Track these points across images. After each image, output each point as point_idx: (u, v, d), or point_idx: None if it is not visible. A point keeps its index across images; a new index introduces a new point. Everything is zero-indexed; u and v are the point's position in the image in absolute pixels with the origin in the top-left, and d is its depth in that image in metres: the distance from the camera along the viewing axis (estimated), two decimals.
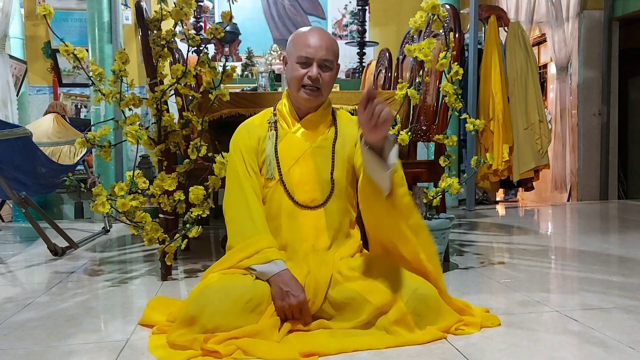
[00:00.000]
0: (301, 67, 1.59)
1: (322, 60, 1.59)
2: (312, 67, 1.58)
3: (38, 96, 5.14)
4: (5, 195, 3.07)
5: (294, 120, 1.68)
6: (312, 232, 1.61)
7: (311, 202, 1.62)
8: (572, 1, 4.97)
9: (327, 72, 1.61)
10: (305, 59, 1.59)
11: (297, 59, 1.60)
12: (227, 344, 1.33)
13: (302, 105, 1.66)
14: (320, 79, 1.59)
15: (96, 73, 2.08)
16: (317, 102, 1.65)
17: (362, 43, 5.01)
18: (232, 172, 1.66)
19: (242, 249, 1.53)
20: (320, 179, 1.63)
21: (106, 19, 4.01)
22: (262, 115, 1.74)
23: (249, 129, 1.69)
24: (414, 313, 1.43)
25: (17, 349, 1.42)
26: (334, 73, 1.64)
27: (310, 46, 1.58)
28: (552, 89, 5.52)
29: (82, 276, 2.28)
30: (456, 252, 2.63)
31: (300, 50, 1.59)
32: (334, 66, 1.63)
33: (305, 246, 1.60)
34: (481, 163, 2.14)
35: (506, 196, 5.71)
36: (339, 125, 1.70)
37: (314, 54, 1.58)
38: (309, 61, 1.59)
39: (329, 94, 1.68)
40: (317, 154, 1.65)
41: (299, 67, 1.60)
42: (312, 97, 1.61)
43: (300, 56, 1.59)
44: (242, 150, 1.65)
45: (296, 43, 1.62)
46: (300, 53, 1.59)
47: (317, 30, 1.64)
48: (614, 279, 2.04)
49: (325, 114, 1.69)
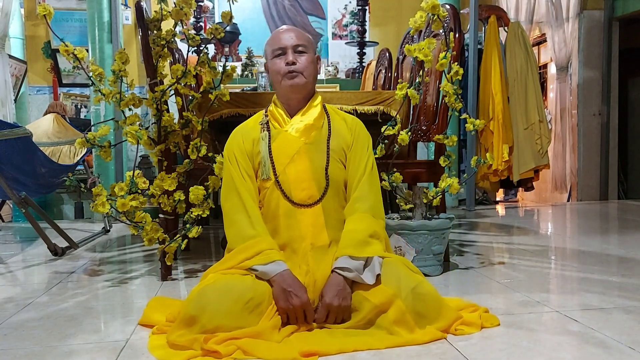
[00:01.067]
0: (278, 60, 1.65)
1: (295, 46, 1.64)
2: (287, 54, 1.64)
3: (38, 96, 5.14)
4: (5, 195, 3.07)
5: (286, 118, 1.69)
6: (311, 230, 1.61)
7: (308, 199, 1.62)
8: (572, 1, 4.97)
9: (303, 55, 1.65)
10: (280, 49, 1.64)
11: (272, 54, 1.66)
12: (227, 344, 1.33)
13: (291, 100, 1.67)
14: (298, 61, 1.63)
15: (96, 73, 2.08)
16: (303, 90, 1.66)
17: (362, 43, 5.02)
18: (227, 177, 1.67)
19: (243, 250, 1.53)
20: (316, 175, 1.63)
21: (106, 19, 4.01)
22: (254, 118, 1.75)
23: (243, 132, 1.71)
24: (413, 311, 1.43)
25: (17, 349, 1.42)
26: (311, 57, 1.67)
27: (281, 38, 1.66)
28: (552, 89, 5.52)
29: (82, 276, 2.28)
30: (456, 252, 2.63)
31: (274, 45, 1.66)
32: (309, 51, 1.67)
33: (304, 245, 1.59)
34: (481, 163, 2.14)
35: (506, 196, 5.71)
36: (331, 121, 1.71)
37: (285, 43, 1.64)
38: (283, 50, 1.64)
39: (314, 81, 1.70)
40: (311, 150, 1.65)
41: (276, 60, 1.65)
42: (294, 82, 1.63)
43: (274, 50, 1.66)
44: (236, 155, 1.66)
45: (269, 43, 1.69)
46: (273, 47, 1.66)
47: (286, 26, 1.73)
48: (614, 279, 2.04)
49: (315, 108, 1.70)
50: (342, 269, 1.49)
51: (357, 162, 1.67)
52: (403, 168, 2.25)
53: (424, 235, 2.08)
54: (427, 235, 2.08)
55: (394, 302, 1.43)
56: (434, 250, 2.10)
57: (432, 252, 2.10)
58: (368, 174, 1.66)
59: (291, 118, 1.68)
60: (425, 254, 2.09)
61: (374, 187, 1.67)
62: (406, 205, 2.20)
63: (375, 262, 1.50)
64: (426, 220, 2.13)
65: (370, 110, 2.35)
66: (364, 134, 1.73)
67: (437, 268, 2.14)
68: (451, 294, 1.85)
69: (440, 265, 2.17)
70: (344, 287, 1.48)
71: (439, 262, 2.15)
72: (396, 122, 2.13)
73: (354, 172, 1.66)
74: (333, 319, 1.47)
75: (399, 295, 1.44)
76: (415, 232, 2.08)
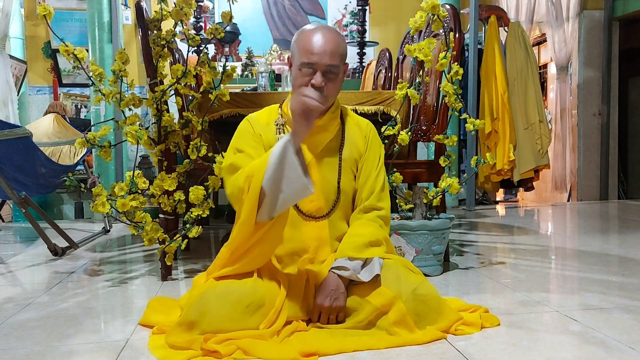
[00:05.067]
0: (304, 75, 1.49)
1: (327, 66, 1.48)
2: (316, 75, 1.47)
3: (38, 96, 5.15)
4: (5, 195, 3.07)
5: None
6: (314, 243, 1.59)
7: (316, 212, 1.59)
8: (572, 1, 4.97)
9: (332, 79, 1.51)
10: (309, 65, 1.48)
11: (300, 65, 1.49)
12: (227, 344, 1.33)
13: None
14: (326, 87, 1.49)
15: (96, 73, 2.08)
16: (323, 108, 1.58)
17: (362, 43, 5.01)
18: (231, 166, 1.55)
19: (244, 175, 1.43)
20: (327, 188, 1.60)
21: (106, 19, 4.01)
22: (267, 113, 1.66)
23: (254, 125, 1.63)
24: (414, 313, 1.43)
25: (17, 348, 1.42)
26: (340, 78, 1.54)
27: (314, 52, 1.47)
28: (552, 89, 5.52)
29: (82, 276, 2.28)
30: (456, 252, 2.63)
31: (303, 57, 1.48)
32: (339, 71, 1.52)
33: (303, 258, 1.58)
34: (481, 163, 2.14)
35: (506, 196, 5.71)
36: (346, 130, 1.65)
37: (317, 61, 1.47)
38: (313, 68, 1.48)
39: (336, 97, 1.61)
40: (323, 162, 1.61)
41: (301, 74, 1.49)
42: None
43: (303, 62, 1.48)
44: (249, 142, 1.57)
45: (300, 46, 1.51)
46: (303, 59, 1.48)
47: (321, 30, 1.51)
48: (614, 279, 2.04)
49: (333, 118, 1.62)
50: (338, 268, 1.49)
51: (368, 172, 1.64)
52: (403, 168, 2.25)
53: (424, 235, 2.07)
54: (427, 235, 2.08)
55: (395, 304, 1.43)
56: (434, 250, 2.10)
57: (432, 252, 2.10)
58: (380, 186, 1.63)
59: None
60: (425, 254, 2.09)
61: (385, 200, 1.64)
62: (406, 205, 2.20)
63: (375, 262, 1.49)
64: (426, 220, 2.13)
65: (370, 110, 2.35)
66: (377, 141, 1.70)
67: (437, 268, 2.14)
68: (451, 294, 1.85)
69: (440, 265, 2.17)
70: (337, 288, 1.47)
71: (439, 262, 2.15)
72: (396, 122, 2.13)
73: (365, 182, 1.63)
74: (325, 320, 1.47)
75: (399, 297, 1.43)
76: (415, 232, 2.07)
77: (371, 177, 1.64)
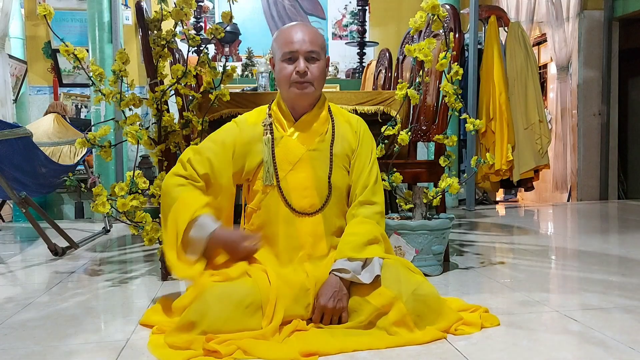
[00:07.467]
0: (287, 64, 1.57)
1: (308, 52, 1.56)
2: (298, 62, 1.56)
3: (38, 96, 5.15)
4: (5, 195, 3.07)
5: (290, 122, 1.64)
6: (310, 239, 1.59)
7: (309, 208, 1.60)
8: (572, 1, 4.97)
9: (314, 64, 1.58)
10: (290, 54, 1.56)
11: (282, 57, 1.58)
12: (227, 343, 1.33)
13: (296, 105, 1.63)
14: (309, 72, 1.57)
15: (96, 73, 2.08)
16: (311, 98, 1.62)
17: (362, 43, 5.02)
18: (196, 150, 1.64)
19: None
20: (319, 184, 1.61)
21: (106, 19, 4.01)
22: (256, 114, 1.69)
23: (242, 127, 1.65)
24: (414, 313, 1.43)
25: (18, 348, 1.42)
26: (322, 64, 1.60)
27: (294, 41, 1.56)
28: (552, 89, 5.53)
29: (82, 276, 2.28)
30: (456, 252, 2.63)
31: (284, 47, 1.57)
32: (321, 57, 1.60)
33: (301, 254, 1.58)
34: (481, 163, 2.14)
35: (506, 196, 5.71)
36: (335, 125, 1.67)
37: (298, 48, 1.56)
38: (294, 56, 1.56)
39: (322, 87, 1.65)
40: (314, 157, 1.62)
41: (285, 64, 1.57)
42: (303, 92, 1.58)
43: (284, 53, 1.57)
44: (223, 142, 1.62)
45: (279, 41, 1.60)
46: (284, 50, 1.57)
47: (299, 24, 1.61)
48: (614, 279, 2.04)
49: (321, 113, 1.66)
50: (339, 270, 1.49)
51: (361, 167, 1.65)
52: (403, 168, 2.25)
53: (424, 235, 2.08)
54: (427, 235, 2.08)
55: (395, 305, 1.43)
56: (434, 250, 2.10)
57: (432, 252, 2.10)
58: (373, 180, 1.64)
59: (295, 121, 1.64)
60: (425, 254, 2.09)
61: (379, 194, 1.65)
62: (406, 205, 2.20)
63: (375, 262, 1.49)
64: (426, 220, 2.13)
65: (370, 110, 2.35)
66: (368, 136, 1.71)
67: (437, 268, 2.14)
68: (451, 294, 1.85)
69: (440, 265, 2.17)
70: (340, 289, 1.48)
71: (439, 262, 2.15)
72: (396, 122, 2.13)
73: (358, 177, 1.64)
74: (328, 320, 1.47)
75: (399, 297, 1.43)
76: (415, 232, 2.08)
77: (364, 172, 1.65)
